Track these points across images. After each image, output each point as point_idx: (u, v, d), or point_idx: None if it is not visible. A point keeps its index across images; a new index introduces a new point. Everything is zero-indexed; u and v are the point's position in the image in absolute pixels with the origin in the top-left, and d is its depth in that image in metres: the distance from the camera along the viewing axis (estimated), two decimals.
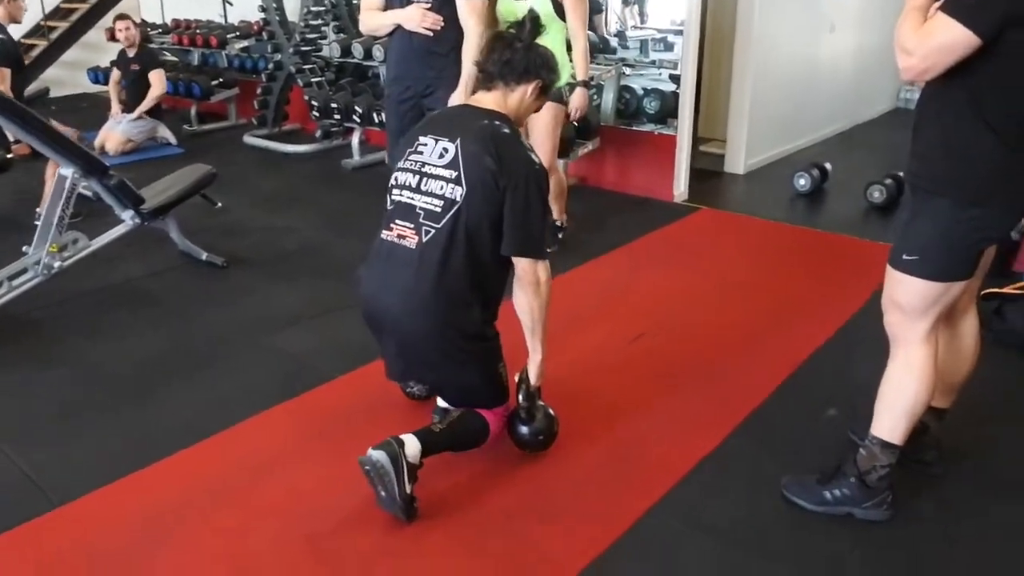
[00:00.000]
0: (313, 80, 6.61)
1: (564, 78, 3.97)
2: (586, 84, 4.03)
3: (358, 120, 6.10)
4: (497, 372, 2.48)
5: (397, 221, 2.38)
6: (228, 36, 7.78)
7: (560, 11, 3.88)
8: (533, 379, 2.50)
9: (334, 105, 6.22)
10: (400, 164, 2.45)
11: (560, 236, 4.39)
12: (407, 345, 2.40)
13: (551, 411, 2.58)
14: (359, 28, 3.96)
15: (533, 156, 2.38)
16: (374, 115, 5.94)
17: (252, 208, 5.31)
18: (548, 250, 2.40)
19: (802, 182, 5.62)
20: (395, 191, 2.43)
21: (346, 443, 2.59)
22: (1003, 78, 1.93)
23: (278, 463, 2.63)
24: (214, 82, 7.60)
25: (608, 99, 5.75)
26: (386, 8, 3.77)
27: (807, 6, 6.54)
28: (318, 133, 6.87)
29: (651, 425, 2.82)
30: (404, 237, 2.35)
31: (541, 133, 4.01)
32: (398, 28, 3.73)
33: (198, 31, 7.93)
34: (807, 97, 6.87)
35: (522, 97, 2.46)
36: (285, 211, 5.27)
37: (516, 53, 2.41)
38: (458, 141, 2.34)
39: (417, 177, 2.37)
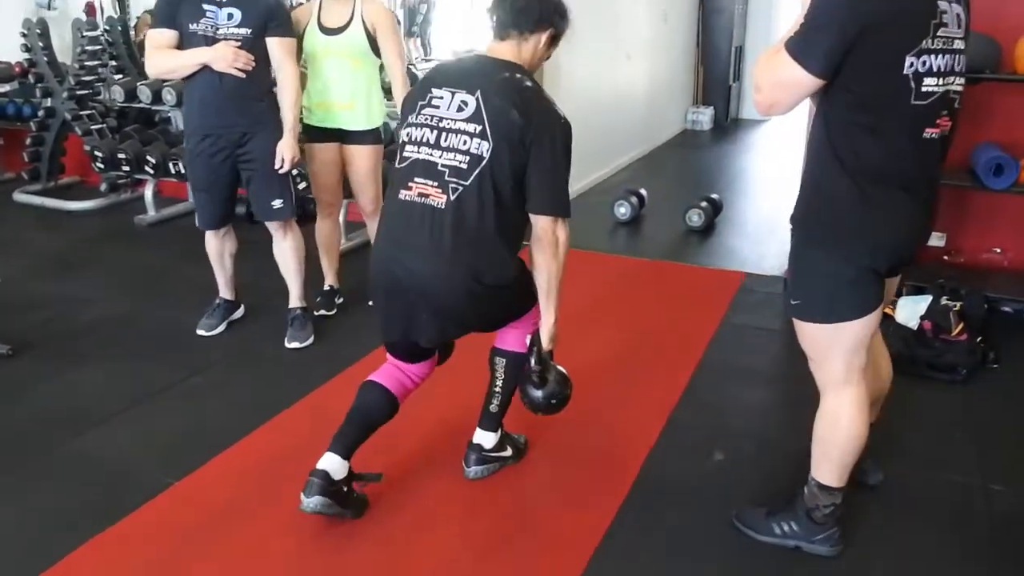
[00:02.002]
0: (93, 128, 5.97)
1: (381, 117, 3.78)
2: None
3: (151, 171, 5.55)
4: (526, 295, 2.42)
5: (417, 179, 2.24)
6: None
7: (375, 46, 3.65)
8: (546, 342, 2.45)
9: (122, 155, 5.63)
10: (412, 119, 2.32)
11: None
12: (443, 308, 2.30)
13: (564, 372, 2.53)
14: (146, 70, 3.46)
15: (559, 110, 2.29)
16: (170, 165, 5.42)
17: (35, 278, 4.65)
18: (325, 312, 2.18)
19: (622, 210, 5.68)
20: (409, 148, 2.29)
21: None
22: (852, 115, 1.94)
23: None
24: None
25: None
26: (182, 46, 3.32)
27: (605, 36, 6.68)
28: (103, 186, 6.20)
29: (541, 504, 2.63)
30: (427, 196, 2.22)
31: (363, 177, 3.79)
32: (203, 69, 3.30)
33: None
34: (612, 124, 7.00)
35: (535, 46, 2.35)
36: (76, 279, 4.65)
37: (529, 0, 2.31)
38: (478, 94, 2.22)
39: (435, 132, 2.24)
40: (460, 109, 2.23)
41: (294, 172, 4.71)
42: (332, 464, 2.36)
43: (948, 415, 3.14)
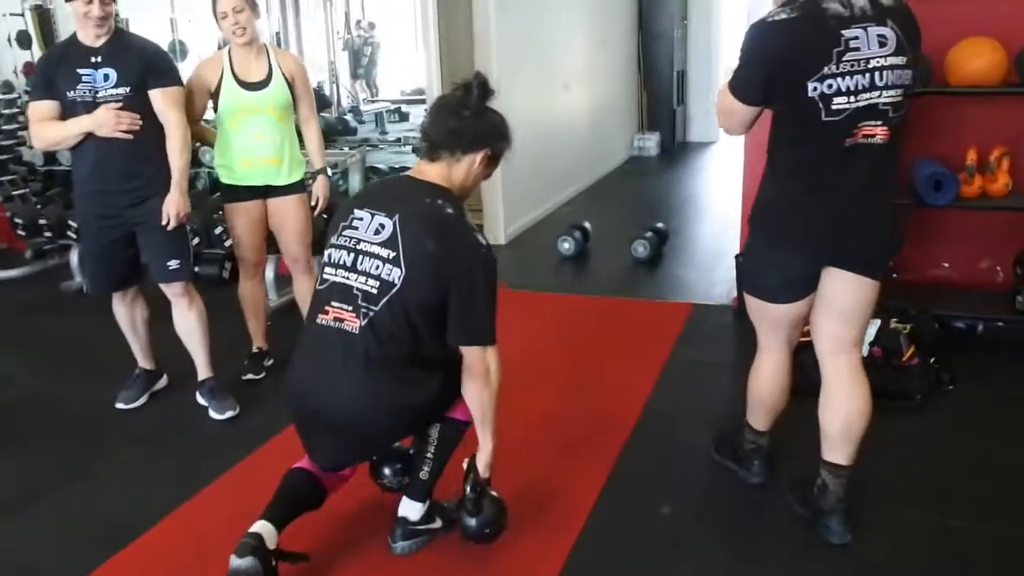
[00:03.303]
0: (15, 193, 5.74)
1: (303, 167, 3.65)
2: (324, 171, 3.73)
3: (74, 236, 5.32)
4: (449, 391, 2.32)
5: (334, 303, 2.19)
6: None
7: (294, 98, 3.53)
8: (483, 470, 2.37)
9: (44, 221, 5.41)
10: (333, 240, 2.25)
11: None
12: (356, 436, 2.27)
13: (501, 500, 2.42)
14: (33, 144, 3.26)
15: (480, 239, 2.21)
16: None
17: None
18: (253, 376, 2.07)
19: (566, 246, 5.55)
20: (328, 270, 2.23)
21: None
22: (779, 132, 2.34)
23: None
24: None
25: (355, 183, 5.41)
26: (64, 115, 3.12)
27: (541, 66, 6.59)
28: (28, 253, 5.95)
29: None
30: (342, 320, 2.17)
31: (293, 229, 3.63)
32: (89, 136, 3.11)
33: None
34: (553, 156, 6.89)
35: (469, 168, 2.26)
36: None
37: (464, 121, 2.23)
38: (396, 218, 2.17)
39: (352, 255, 2.19)
40: (377, 232, 2.17)
41: (189, 228, 4.56)
42: (265, 530, 2.22)
43: (904, 445, 3.00)
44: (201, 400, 3.49)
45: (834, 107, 2.16)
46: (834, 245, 2.32)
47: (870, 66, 2.15)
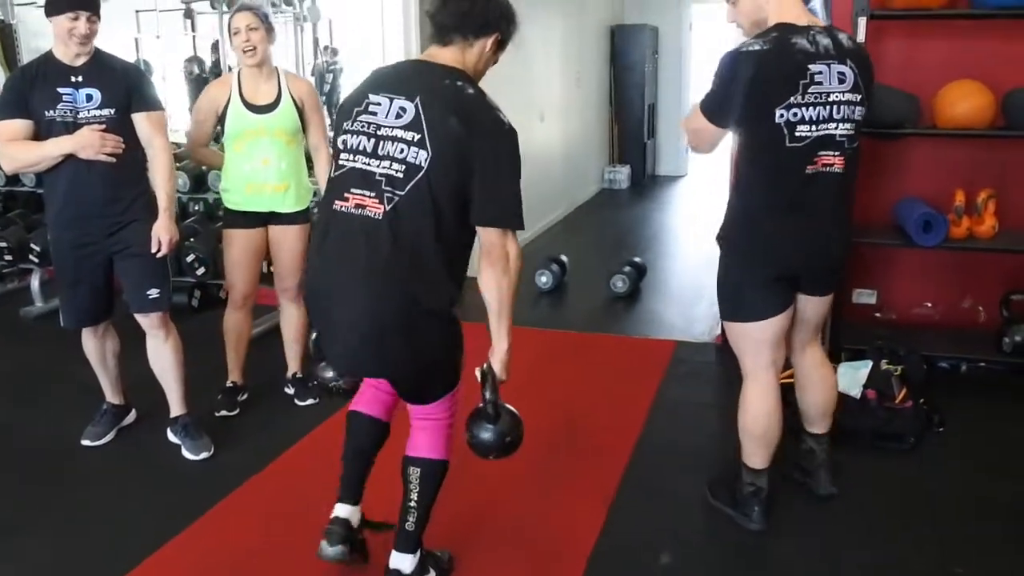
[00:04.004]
0: None
1: (309, 196, 3.55)
2: None
3: (36, 260, 5.12)
4: (457, 358, 2.30)
5: (353, 189, 2.10)
6: None
7: (304, 123, 3.45)
8: (499, 370, 2.21)
9: (3, 244, 5.21)
10: (347, 126, 2.16)
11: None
12: (372, 329, 2.11)
13: (514, 411, 2.25)
14: (1, 166, 3.09)
15: (503, 117, 2.14)
16: None
17: None
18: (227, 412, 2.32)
19: (544, 279, 5.48)
20: (344, 156, 2.15)
21: None
22: (746, 155, 2.53)
23: None
24: None
25: None
26: (40, 135, 2.97)
27: (517, 97, 6.55)
28: None
29: None
30: (364, 206, 2.08)
31: (291, 259, 3.53)
32: (68, 158, 2.96)
33: None
34: (530, 187, 6.72)
35: (481, 52, 2.19)
36: None
37: (475, 4, 2.15)
38: (418, 100, 2.08)
39: (372, 140, 2.10)
40: (398, 116, 2.09)
41: (190, 258, 4.37)
42: (347, 511, 2.41)
43: (901, 489, 2.97)
44: (173, 438, 3.33)
45: (797, 134, 2.37)
46: (801, 264, 2.56)
47: (830, 99, 2.38)
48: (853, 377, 3.32)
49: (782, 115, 2.35)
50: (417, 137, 2.06)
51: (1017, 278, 3.86)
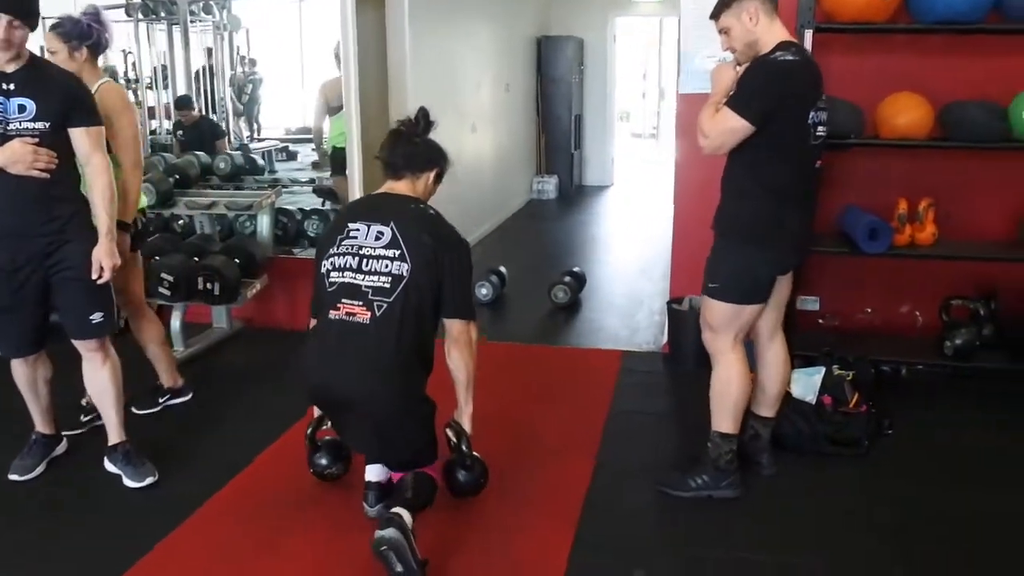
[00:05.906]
0: None
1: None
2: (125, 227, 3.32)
3: None
4: (434, 432, 2.72)
5: (344, 300, 2.56)
6: None
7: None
8: (468, 427, 2.78)
9: None
10: (333, 250, 2.63)
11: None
12: (381, 421, 2.57)
13: (482, 458, 2.86)
14: None
15: (458, 232, 2.72)
16: None
17: None
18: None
19: (484, 291, 5.41)
20: (334, 274, 2.61)
21: None
22: (770, 152, 2.69)
23: None
24: None
25: (264, 227, 5.10)
26: None
27: (450, 109, 6.49)
28: None
29: None
30: (354, 314, 2.54)
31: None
32: None
33: None
34: (461, 199, 6.73)
35: (426, 183, 2.78)
36: None
37: (417, 146, 2.76)
38: (392, 224, 2.60)
39: (357, 259, 2.59)
40: (377, 238, 2.59)
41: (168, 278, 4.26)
42: (376, 473, 2.79)
43: (857, 495, 3.01)
44: (112, 468, 3.13)
45: (818, 133, 2.73)
46: (804, 247, 2.94)
47: (823, 105, 2.76)
48: (807, 383, 3.34)
49: (812, 116, 2.67)
50: (397, 253, 2.56)
51: (955, 284, 3.96)
